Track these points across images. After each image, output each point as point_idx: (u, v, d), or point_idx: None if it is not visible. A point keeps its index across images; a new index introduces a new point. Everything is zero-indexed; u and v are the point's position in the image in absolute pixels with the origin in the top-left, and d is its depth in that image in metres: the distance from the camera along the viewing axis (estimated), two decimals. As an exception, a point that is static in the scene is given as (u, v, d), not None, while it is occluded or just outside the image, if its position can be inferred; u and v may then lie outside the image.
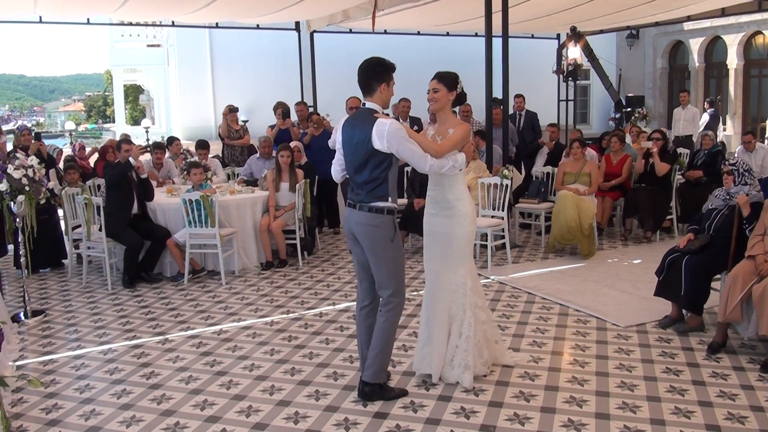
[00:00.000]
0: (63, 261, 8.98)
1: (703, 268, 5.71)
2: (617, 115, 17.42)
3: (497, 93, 9.11)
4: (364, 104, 4.58)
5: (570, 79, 14.92)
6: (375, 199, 4.45)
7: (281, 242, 8.48)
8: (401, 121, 10.32)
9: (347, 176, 4.72)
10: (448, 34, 16.42)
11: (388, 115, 4.55)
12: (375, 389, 4.61)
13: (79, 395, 4.88)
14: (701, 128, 14.37)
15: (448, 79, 4.76)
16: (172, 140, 10.81)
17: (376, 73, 4.50)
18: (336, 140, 4.80)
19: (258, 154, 9.83)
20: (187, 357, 5.56)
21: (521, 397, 4.61)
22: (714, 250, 5.79)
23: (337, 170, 4.84)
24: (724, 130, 18.79)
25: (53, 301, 7.37)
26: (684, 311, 5.90)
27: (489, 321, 5.09)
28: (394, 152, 4.39)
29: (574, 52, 14.83)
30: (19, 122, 45.44)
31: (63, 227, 8.88)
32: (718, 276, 5.93)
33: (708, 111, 15.67)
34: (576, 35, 14.56)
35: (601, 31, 17.60)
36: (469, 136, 4.80)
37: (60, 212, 9.03)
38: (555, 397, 4.62)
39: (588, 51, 15.67)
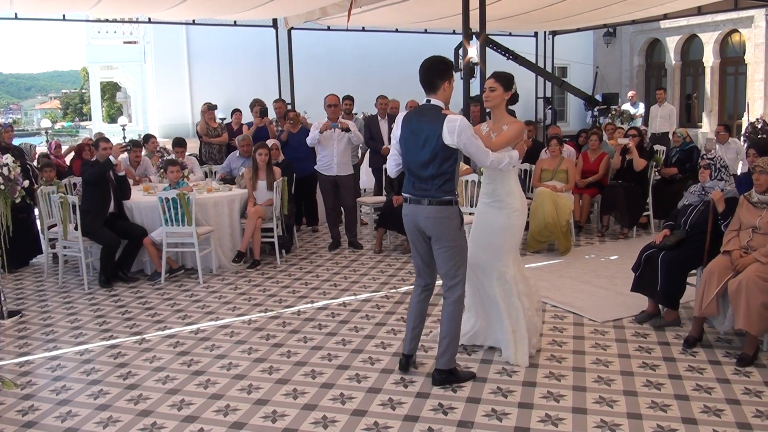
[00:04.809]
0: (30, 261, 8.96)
1: (679, 264, 5.76)
2: (596, 113, 17.49)
3: (475, 90, 9.13)
4: (428, 101, 4.70)
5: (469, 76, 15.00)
6: (444, 193, 4.62)
7: (257, 241, 8.43)
8: (379, 119, 10.33)
9: (402, 170, 4.90)
10: (426, 32, 16.42)
11: (451, 110, 4.74)
12: (449, 375, 4.77)
13: (56, 396, 4.83)
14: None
15: (504, 79, 5.05)
16: (148, 138, 10.73)
17: (440, 72, 4.68)
18: (393, 135, 4.90)
19: (237, 152, 9.78)
20: (164, 357, 5.52)
21: (499, 393, 4.62)
22: (690, 246, 5.84)
23: (393, 165, 4.96)
24: (700, 127, 18.99)
25: (29, 302, 7.29)
26: (660, 306, 5.95)
27: (531, 308, 5.28)
28: (462, 147, 4.57)
29: (471, 51, 14.98)
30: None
31: (39, 226, 8.80)
32: (693, 271, 5.98)
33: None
34: (473, 35, 14.66)
35: (578, 30, 17.70)
36: (522, 134, 5.06)
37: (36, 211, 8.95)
38: (533, 392, 4.63)
39: (503, 50, 15.38)
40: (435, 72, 4.67)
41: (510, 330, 5.13)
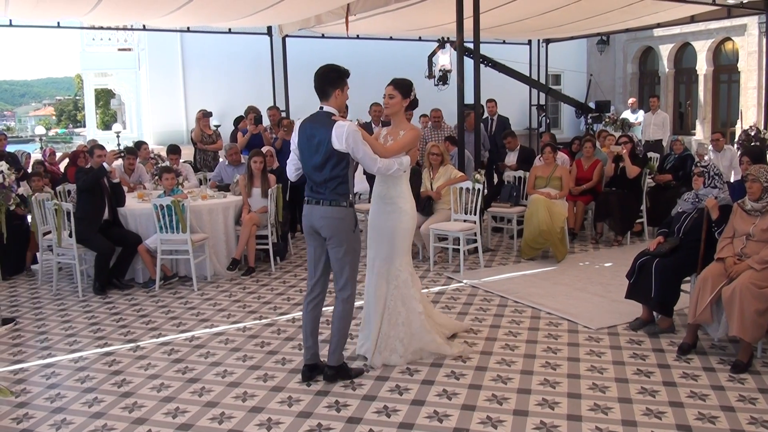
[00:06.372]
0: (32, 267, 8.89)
1: (673, 271, 5.78)
2: (590, 120, 17.53)
3: (469, 98, 9.14)
4: (321, 108, 4.91)
5: (441, 83, 15.13)
6: (338, 195, 4.85)
7: (252, 248, 8.42)
8: (373, 125, 10.35)
9: (301, 174, 5.10)
10: (420, 39, 16.45)
11: (344, 117, 4.93)
12: (338, 371, 5.02)
13: (50, 404, 4.81)
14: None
15: (403, 87, 5.23)
16: (140, 145, 10.72)
17: (331, 80, 4.87)
18: (292, 141, 5.08)
19: (226, 161, 9.77)
20: (159, 364, 5.51)
21: (494, 400, 4.63)
22: (684, 253, 5.86)
23: (292, 170, 5.15)
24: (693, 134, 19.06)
25: (24, 309, 7.26)
26: (655, 313, 5.96)
27: (425, 312, 5.46)
28: (351, 152, 4.77)
29: (444, 59, 15.17)
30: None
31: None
32: (687, 278, 6.00)
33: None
34: (444, 43, 14.79)
35: (572, 38, 17.75)
36: (417, 141, 5.26)
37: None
38: (527, 399, 4.64)
39: (482, 58, 15.29)
40: (326, 80, 4.87)
41: (377, 331, 5.28)
